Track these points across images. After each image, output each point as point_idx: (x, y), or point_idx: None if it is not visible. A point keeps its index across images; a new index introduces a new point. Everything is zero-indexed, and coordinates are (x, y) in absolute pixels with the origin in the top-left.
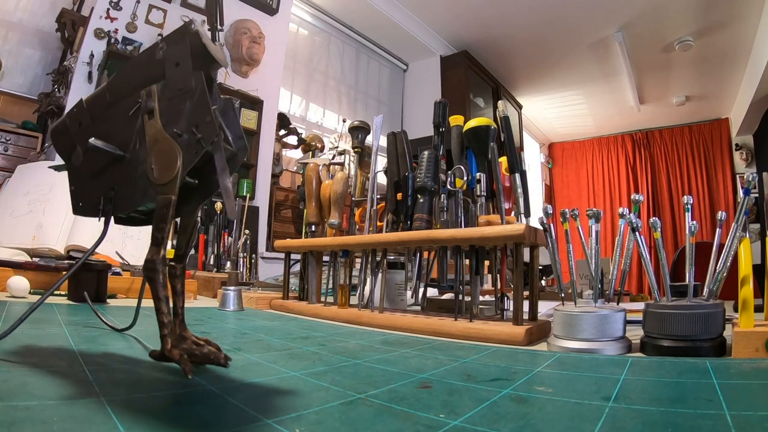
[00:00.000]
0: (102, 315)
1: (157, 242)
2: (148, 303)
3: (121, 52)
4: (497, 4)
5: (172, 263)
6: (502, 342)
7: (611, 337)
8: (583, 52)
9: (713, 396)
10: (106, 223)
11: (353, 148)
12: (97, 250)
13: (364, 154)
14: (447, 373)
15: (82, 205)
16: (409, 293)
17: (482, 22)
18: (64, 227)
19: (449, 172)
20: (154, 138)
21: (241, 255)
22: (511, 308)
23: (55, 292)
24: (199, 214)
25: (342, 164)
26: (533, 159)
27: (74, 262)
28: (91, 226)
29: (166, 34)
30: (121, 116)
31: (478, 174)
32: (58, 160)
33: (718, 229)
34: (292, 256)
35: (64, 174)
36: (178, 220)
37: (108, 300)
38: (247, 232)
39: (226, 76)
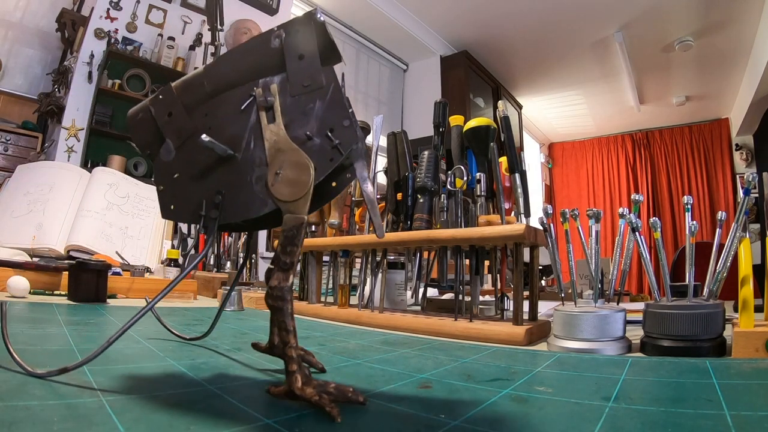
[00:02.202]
0: (169, 325)
1: (285, 268)
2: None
3: (121, 52)
4: (497, 4)
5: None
6: (502, 342)
7: (611, 337)
8: (583, 52)
9: (713, 396)
10: (211, 232)
11: None
12: (96, 250)
13: None
14: (447, 373)
15: (175, 209)
16: (409, 293)
17: (482, 22)
18: (64, 227)
19: (449, 172)
20: (275, 147)
21: (241, 255)
22: (511, 308)
23: (56, 292)
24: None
25: None
26: (533, 159)
27: (74, 261)
28: (92, 226)
29: (284, 22)
30: (228, 110)
31: (478, 174)
32: (59, 160)
33: (718, 229)
34: None
35: (65, 174)
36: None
37: (108, 300)
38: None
39: None
